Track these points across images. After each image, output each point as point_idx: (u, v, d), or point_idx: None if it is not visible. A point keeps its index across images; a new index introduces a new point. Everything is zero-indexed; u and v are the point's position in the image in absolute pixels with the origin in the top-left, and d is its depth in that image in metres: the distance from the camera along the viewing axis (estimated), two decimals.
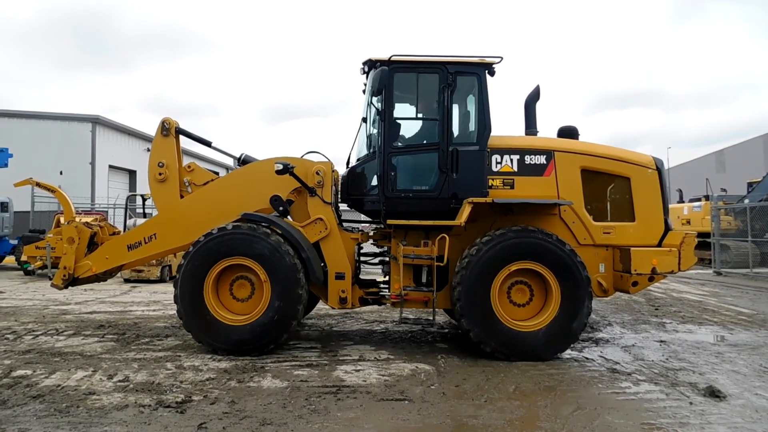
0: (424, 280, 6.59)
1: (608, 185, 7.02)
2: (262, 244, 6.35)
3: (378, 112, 6.74)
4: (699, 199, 22.22)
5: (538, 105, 7.32)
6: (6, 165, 17.52)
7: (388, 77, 6.53)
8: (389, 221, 6.66)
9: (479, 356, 6.30)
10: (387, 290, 7.02)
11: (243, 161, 7.61)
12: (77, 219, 8.35)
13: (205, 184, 7.34)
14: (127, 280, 14.37)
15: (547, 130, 8.11)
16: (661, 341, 7.32)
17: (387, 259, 7.09)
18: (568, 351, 6.62)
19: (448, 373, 5.73)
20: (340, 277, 6.76)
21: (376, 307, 9.61)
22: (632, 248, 6.48)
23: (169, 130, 7.43)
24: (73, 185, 22.48)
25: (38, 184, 15.66)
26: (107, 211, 22.83)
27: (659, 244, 6.71)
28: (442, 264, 6.38)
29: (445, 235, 6.36)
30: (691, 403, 4.85)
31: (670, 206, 12.52)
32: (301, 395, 5.01)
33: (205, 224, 6.71)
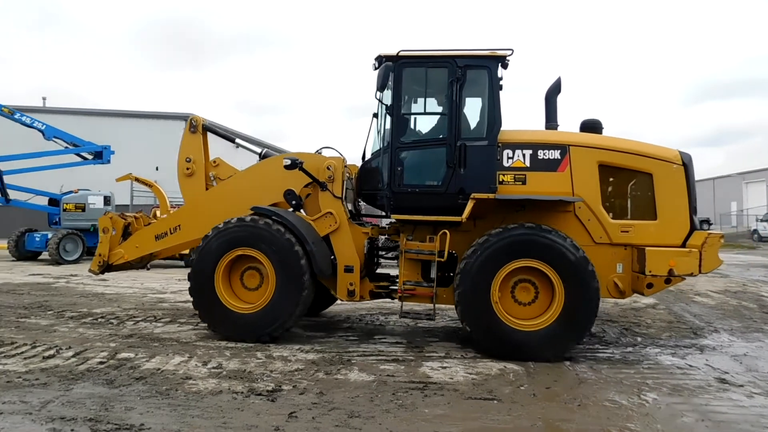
0: (433, 275, 6.52)
1: (629, 181, 6.62)
2: (266, 236, 6.54)
3: (386, 107, 6.74)
4: None
5: (559, 98, 7.12)
6: (109, 161, 18.80)
7: (397, 72, 6.62)
8: (394, 216, 6.72)
9: (569, 357, 6.05)
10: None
11: (263, 156, 7.80)
12: (171, 212, 8.82)
13: (228, 178, 7.64)
14: None
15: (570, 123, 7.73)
16: None
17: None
18: (669, 357, 6.22)
19: (538, 374, 5.52)
20: (349, 270, 6.84)
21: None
22: (647, 248, 6.13)
23: (197, 127, 7.84)
24: (169, 180, 23.79)
25: (137, 180, 16.66)
26: None
27: (683, 245, 6.28)
28: (442, 260, 6.34)
29: (446, 231, 6.32)
30: None
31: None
32: (387, 390, 4.99)
33: (223, 217, 6.90)
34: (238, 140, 8.30)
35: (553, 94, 7.11)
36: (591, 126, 6.94)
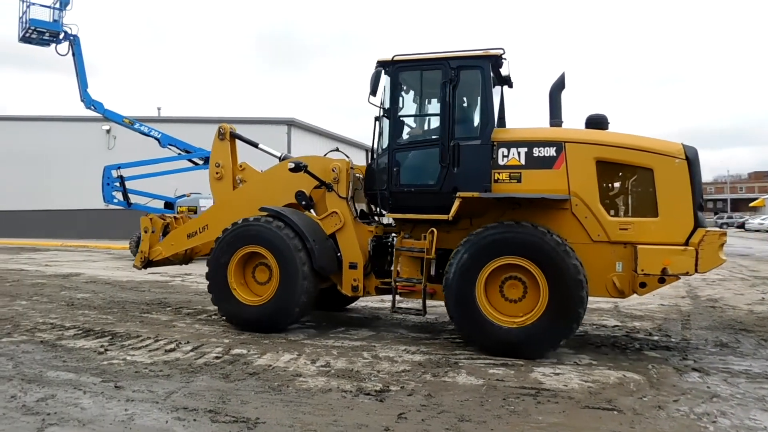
0: (433, 272, 6.70)
1: (630, 178, 6.40)
2: (269, 234, 6.99)
3: (383, 110, 7.00)
4: None
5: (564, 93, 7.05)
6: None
7: (393, 76, 6.91)
8: (389, 215, 7.10)
9: (698, 368, 5.57)
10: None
11: (282, 159, 8.35)
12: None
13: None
14: None
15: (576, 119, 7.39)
16: None
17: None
18: None
19: (663, 386, 5.11)
20: (353, 266, 7.17)
21: None
22: (639, 245, 5.98)
23: (225, 134, 8.47)
24: None
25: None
26: None
27: (686, 243, 5.95)
28: (431, 257, 6.57)
29: (434, 229, 6.53)
30: None
31: None
32: (498, 395, 4.82)
33: (243, 216, 7.36)
34: (261, 146, 8.92)
35: (556, 90, 7.06)
36: (596, 121, 6.77)
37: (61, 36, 12.68)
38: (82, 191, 26.36)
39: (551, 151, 6.39)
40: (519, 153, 6.49)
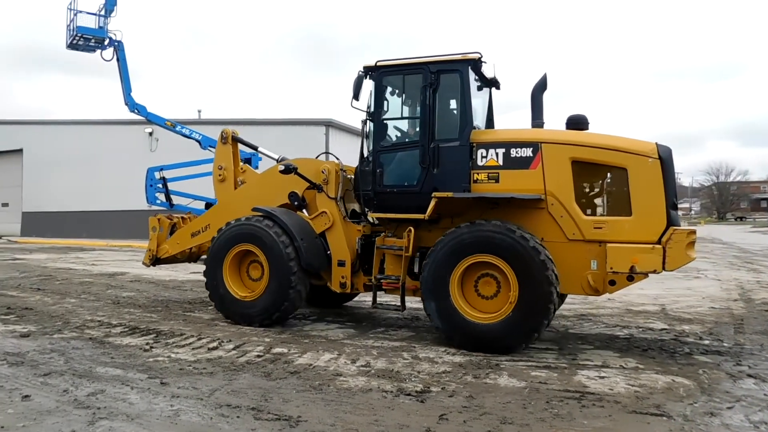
0: (417, 270, 6.84)
1: (605, 177, 6.53)
2: (259, 232, 7.35)
3: (368, 114, 7.25)
4: None
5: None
6: (257, 167, 20.09)
7: (377, 81, 7.17)
8: (372, 215, 7.41)
9: (754, 374, 5.36)
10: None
11: (279, 161, 8.61)
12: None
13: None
14: None
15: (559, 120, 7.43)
16: None
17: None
18: None
19: (716, 392, 4.93)
20: (341, 264, 7.44)
21: (616, 311, 9.02)
22: (608, 244, 6.06)
23: (227, 138, 8.88)
24: None
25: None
26: None
27: (659, 241, 5.98)
28: (408, 254, 6.81)
29: (411, 228, 6.80)
30: None
31: None
32: (541, 397, 4.73)
33: (241, 216, 7.72)
34: (260, 149, 9.43)
35: (538, 91, 7.13)
36: (576, 122, 6.84)
37: (106, 42, 13.01)
38: (126, 192, 27.07)
39: (528, 152, 6.54)
40: (497, 154, 6.66)
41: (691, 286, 11.92)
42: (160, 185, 17.71)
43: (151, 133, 29.27)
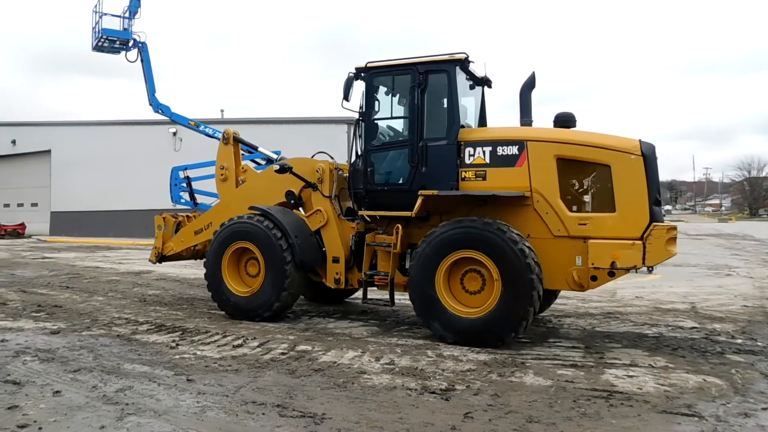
0: (407, 266, 6.93)
1: (589, 174, 6.53)
2: (255, 230, 7.57)
3: (359, 114, 7.38)
4: None
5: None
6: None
7: (368, 81, 7.31)
8: (361, 213, 7.46)
9: None
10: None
11: (278, 161, 8.91)
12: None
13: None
14: None
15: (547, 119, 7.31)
16: None
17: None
18: None
19: (750, 392, 4.80)
20: (336, 260, 7.65)
21: (645, 309, 8.87)
22: (590, 240, 6.14)
23: (228, 139, 9.07)
24: None
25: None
26: None
27: (641, 237, 6.03)
28: (397, 251, 6.99)
29: (399, 225, 6.98)
30: None
31: None
32: (567, 396, 4.67)
33: (241, 214, 7.90)
34: (260, 148, 9.66)
35: (527, 89, 7.20)
36: (564, 120, 6.92)
37: (131, 44, 13.19)
38: (151, 192, 27.43)
39: (514, 150, 6.62)
40: (484, 152, 6.75)
41: (722, 284, 11.64)
42: (185, 184, 17.92)
43: (175, 133, 29.63)
